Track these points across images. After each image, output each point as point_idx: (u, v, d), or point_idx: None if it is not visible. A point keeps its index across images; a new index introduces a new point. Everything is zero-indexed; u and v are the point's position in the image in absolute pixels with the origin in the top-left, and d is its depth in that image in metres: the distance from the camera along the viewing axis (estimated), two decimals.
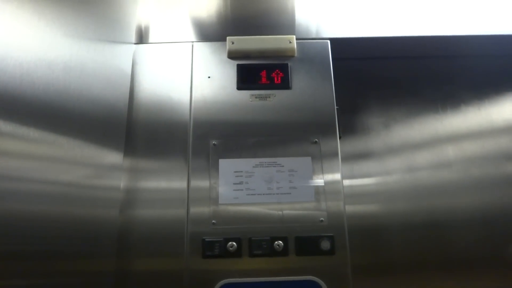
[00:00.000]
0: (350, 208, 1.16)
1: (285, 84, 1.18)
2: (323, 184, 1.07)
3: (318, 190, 1.06)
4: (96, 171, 0.92)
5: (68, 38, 0.78)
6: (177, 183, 1.09)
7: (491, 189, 1.24)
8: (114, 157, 1.04)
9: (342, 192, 1.07)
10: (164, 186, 1.09)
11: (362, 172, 1.27)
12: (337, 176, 1.08)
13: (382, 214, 1.22)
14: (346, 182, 1.22)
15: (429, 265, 1.17)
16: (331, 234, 1.02)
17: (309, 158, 1.10)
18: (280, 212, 1.04)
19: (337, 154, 1.10)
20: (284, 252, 1.00)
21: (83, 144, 0.84)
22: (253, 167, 1.08)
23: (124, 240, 1.03)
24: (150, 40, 1.28)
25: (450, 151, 1.28)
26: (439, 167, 1.27)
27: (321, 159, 1.10)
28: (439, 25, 1.32)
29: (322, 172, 1.08)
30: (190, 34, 1.29)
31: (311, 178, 1.08)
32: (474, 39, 1.33)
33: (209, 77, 1.19)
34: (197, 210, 1.05)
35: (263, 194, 1.06)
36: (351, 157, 1.28)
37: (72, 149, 0.79)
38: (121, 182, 1.08)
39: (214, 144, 1.11)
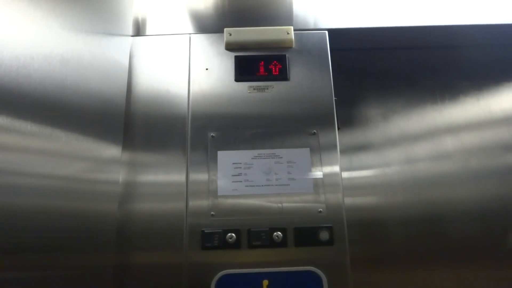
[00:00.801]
0: (348, 200, 1.16)
1: (283, 76, 1.18)
2: (321, 176, 1.07)
3: (316, 182, 1.06)
4: (94, 164, 0.91)
5: (64, 30, 0.78)
6: (176, 176, 1.09)
7: (490, 180, 1.24)
8: (112, 151, 1.03)
9: (340, 184, 1.07)
10: (163, 179, 1.09)
11: (361, 164, 1.27)
12: (335, 168, 1.08)
13: (381, 206, 1.22)
14: (345, 174, 1.22)
15: (428, 257, 1.17)
16: (330, 225, 1.02)
17: (307, 150, 1.10)
18: (279, 204, 1.04)
19: (335, 146, 1.10)
20: (283, 243, 1.00)
21: (81, 137, 0.83)
22: (252, 158, 1.08)
23: (123, 233, 1.03)
24: (148, 32, 1.27)
25: (449, 143, 1.28)
26: (438, 158, 1.26)
27: (320, 150, 1.10)
28: (437, 15, 1.31)
29: (321, 164, 1.08)
30: (188, 26, 1.28)
31: (310, 170, 1.08)
32: (473, 29, 1.32)
33: (207, 69, 1.19)
34: (196, 202, 1.05)
35: (262, 185, 1.06)
36: (349, 149, 1.28)
37: (70, 143, 0.79)
38: (120, 175, 1.08)
39: (212, 136, 1.11)
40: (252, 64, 1.19)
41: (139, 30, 1.27)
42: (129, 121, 1.14)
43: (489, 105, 1.33)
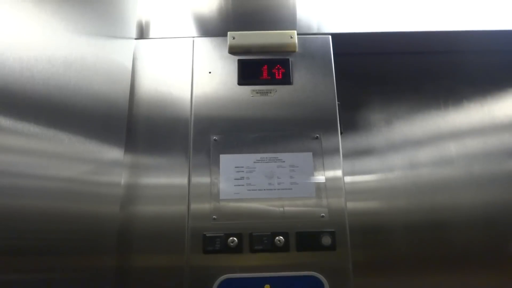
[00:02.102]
0: (351, 205, 1.16)
1: (286, 80, 1.18)
2: (324, 181, 1.07)
3: (319, 186, 1.06)
4: (96, 167, 0.91)
5: (68, 32, 0.78)
6: (178, 179, 1.08)
7: (493, 186, 1.24)
8: (114, 153, 1.03)
9: (343, 188, 1.06)
10: (165, 182, 1.09)
11: (364, 168, 1.27)
12: (338, 172, 1.08)
13: (384, 211, 1.22)
14: (348, 179, 1.22)
15: (430, 262, 1.16)
16: (332, 230, 1.01)
17: (310, 154, 1.09)
18: (281, 208, 1.04)
19: (338, 150, 1.10)
20: (285, 247, 1.00)
21: (83, 139, 0.83)
22: (254, 162, 1.08)
23: (124, 236, 1.03)
24: (151, 35, 1.27)
25: (452, 148, 1.28)
26: (441, 163, 1.26)
27: (322, 155, 1.09)
28: (441, 21, 1.31)
29: (323, 168, 1.08)
30: (191, 29, 1.28)
31: (312, 174, 1.07)
32: (476, 35, 1.32)
33: (210, 72, 1.19)
34: (198, 206, 1.04)
35: (264, 189, 1.06)
36: (352, 154, 1.28)
37: (73, 145, 0.79)
38: (122, 178, 1.08)
39: (215, 140, 1.10)
40: (255, 67, 1.19)
41: (142, 33, 1.27)
42: (131, 123, 1.14)
43: (492, 110, 1.32)
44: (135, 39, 1.24)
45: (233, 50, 1.21)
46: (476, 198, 1.22)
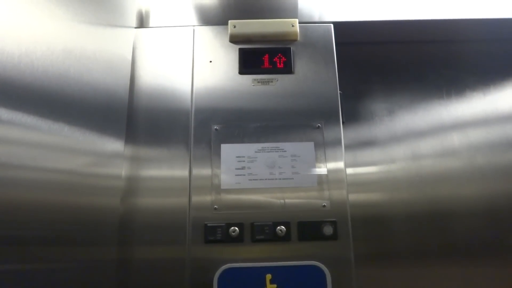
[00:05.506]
0: (352, 197, 1.15)
1: (287, 69, 1.17)
2: (326, 173, 1.06)
3: (321, 176, 1.05)
4: (97, 159, 0.91)
5: (67, 20, 0.77)
6: (179, 170, 1.08)
7: (496, 177, 1.23)
8: (115, 145, 1.03)
9: (345, 180, 1.06)
10: (166, 174, 1.08)
11: (366, 159, 1.26)
12: (340, 162, 1.07)
13: (386, 202, 1.21)
14: (349, 170, 1.21)
15: (432, 254, 1.16)
16: (334, 220, 1.01)
17: (312, 143, 1.09)
18: (282, 198, 1.03)
19: (340, 140, 1.09)
20: (286, 237, 1.00)
21: (83, 130, 0.83)
22: (256, 152, 1.08)
23: (125, 228, 1.03)
24: (151, 24, 1.26)
25: (455, 138, 1.27)
26: (444, 154, 1.25)
27: (324, 145, 1.09)
28: (444, 9, 1.30)
29: (325, 158, 1.07)
30: (192, 18, 1.27)
31: (314, 164, 1.07)
32: (480, 23, 1.31)
33: (210, 61, 1.18)
34: (199, 196, 1.04)
35: (266, 179, 1.05)
36: (354, 144, 1.27)
37: (72, 136, 0.78)
38: (122, 170, 1.07)
39: (216, 129, 1.10)
40: (256, 56, 1.18)
41: (142, 21, 1.26)
42: (132, 114, 1.13)
43: (496, 100, 1.31)
44: (135, 28, 1.23)
45: (234, 39, 1.20)
46: (478, 189, 1.22)
